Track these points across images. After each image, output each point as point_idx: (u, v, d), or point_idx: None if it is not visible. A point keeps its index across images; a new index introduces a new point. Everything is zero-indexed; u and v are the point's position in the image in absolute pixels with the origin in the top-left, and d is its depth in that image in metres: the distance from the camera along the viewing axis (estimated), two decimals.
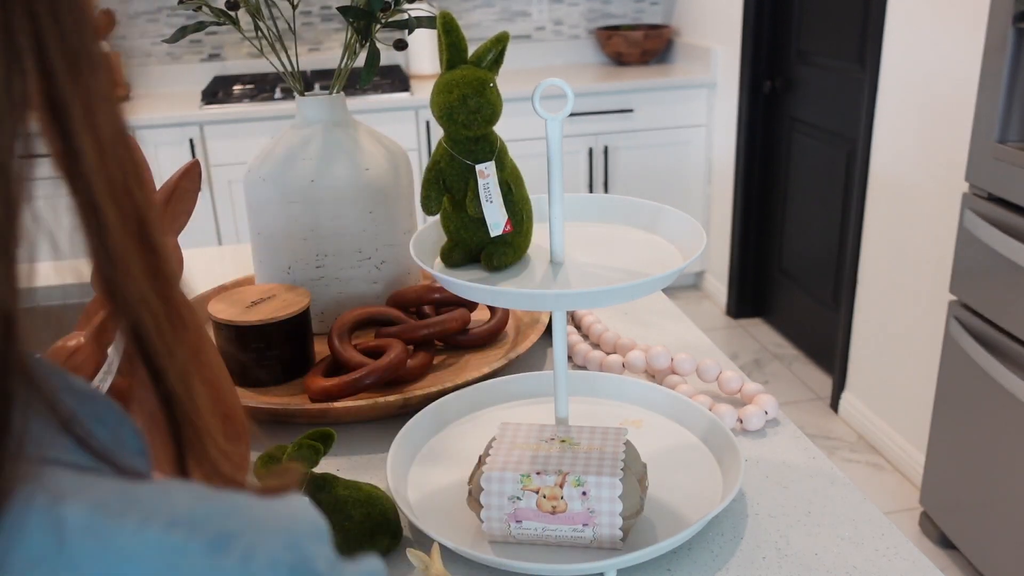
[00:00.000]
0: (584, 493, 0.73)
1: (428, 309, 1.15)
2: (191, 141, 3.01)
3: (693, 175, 3.47)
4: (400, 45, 1.12)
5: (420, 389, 1.00)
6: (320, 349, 1.12)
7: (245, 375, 1.04)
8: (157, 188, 0.80)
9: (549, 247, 0.82)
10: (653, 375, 1.09)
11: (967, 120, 2.02)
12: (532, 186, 0.82)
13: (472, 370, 1.06)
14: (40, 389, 0.32)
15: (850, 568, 0.75)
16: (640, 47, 3.52)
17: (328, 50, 3.56)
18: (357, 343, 1.07)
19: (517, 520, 0.75)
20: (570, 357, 1.14)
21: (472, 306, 1.16)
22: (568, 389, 0.85)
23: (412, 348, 1.08)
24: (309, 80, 3.28)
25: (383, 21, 1.06)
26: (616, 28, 3.65)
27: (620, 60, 3.60)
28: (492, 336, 1.13)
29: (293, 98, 3.13)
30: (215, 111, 3.00)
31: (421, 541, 0.80)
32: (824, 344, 2.95)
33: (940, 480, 2.08)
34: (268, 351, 1.03)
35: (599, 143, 3.32)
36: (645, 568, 0.76)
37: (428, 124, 3.14)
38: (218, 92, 3.16)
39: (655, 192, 3.43)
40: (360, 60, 1.08)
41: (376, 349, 1.05)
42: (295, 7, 1.09)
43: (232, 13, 1.06)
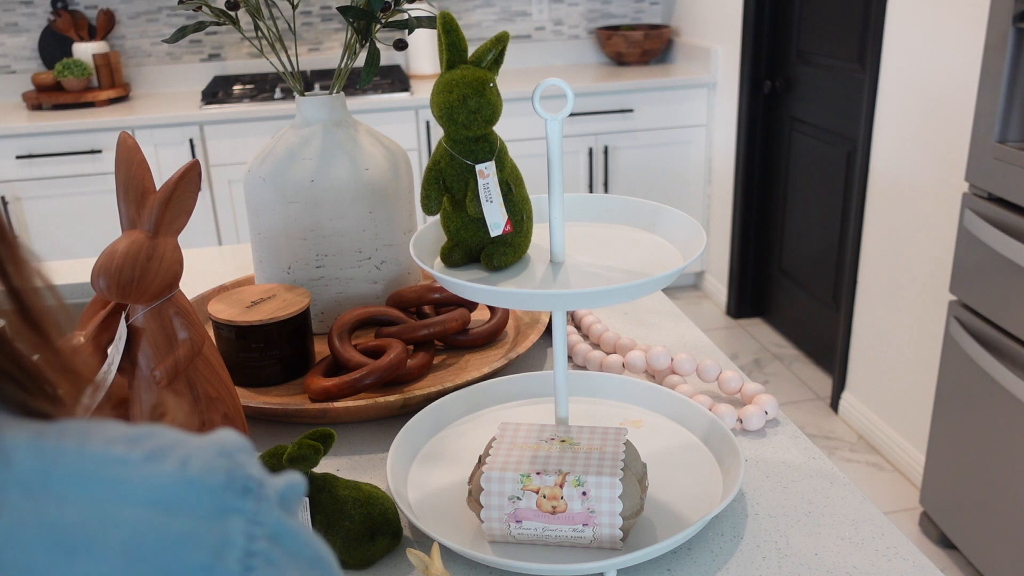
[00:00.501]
0: (584, 493, 0.73)
1: (428, 309, 1.15)
2: (191, 141, 3.01)
3: (693, 175, 3.47)
4: (400, 45, 1.12)
5: (420, 389, 1.00)
6: (320, 349, 1.12)
7: (245, 375, 1.04)
8: (157, 188, 0.80)
9: (549, 247, 0.82)
10: (653, 375, 1.09)
11: (967, 120, 2.02)
12: (532, 186, 0.82)
13: (472, 370, 1.06)
14: None
15: (850, 568, 0.75)
16: (640, 47, 3.52)
17: (328, 50, 3.56)
18: (357, 343, 1.07)
19: (517, 520, 0.75)
20: (570, 357, 1.14)
21: (472, 306, 1.16)
22: (568, 389, 0.85)
23: (412, 348, 1.08)
24: (309, 80, 3.28)
25: (383, 21, 1.06)
26: (616, 28, 3.65)
27: (620, 60, 3.60)
28: (492, 336, 1.13)
29: (293, 98, 3.13)
30: (215, 111, 3.00)
31: (421, 541, 0.80)
32: (824, 344, 2.95)
33: (940, 480, 2.08)
34: (268, 351, 1.03)
35: (599, 143, 3.32)
36: (645, 568, 0.76)
37: (428, 124, 3.14)
38: (218, 92, 3.16)
39: (655, 192, 3.43)
40: (360, 60, 1.08)
41: (376, 349, 1.05)
42: (295, 7, 1.09)
43: (232, 13, 1.06)
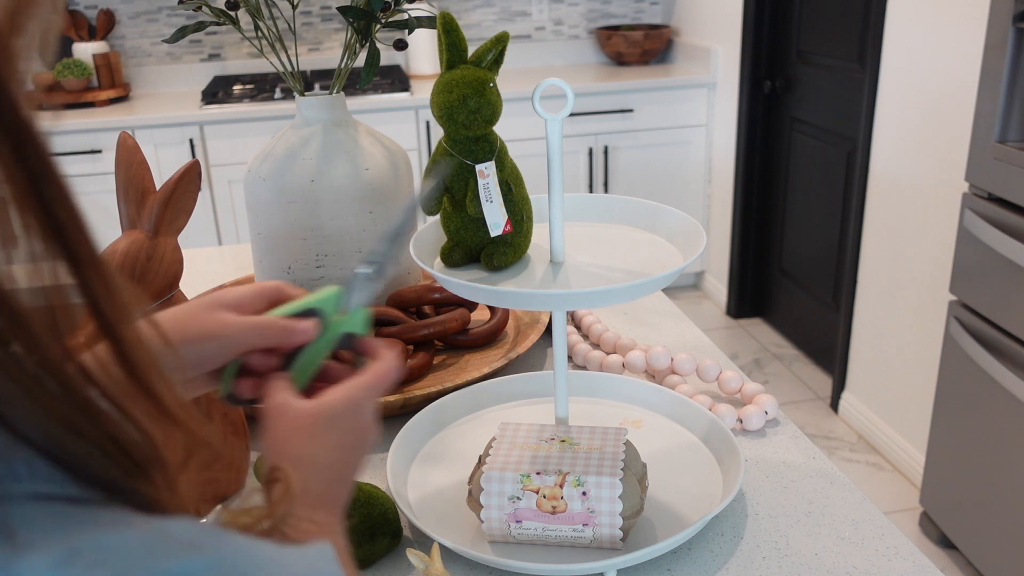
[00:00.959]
0: (584, 493, 0.73)
1: (428, 309, 1.15)
2: (191, 141, 3.01)
3: (693, 175, 3.47)
4: (400, 45, 1.12)
5: (420, 389, 1.00)
6: None
7: None
8: (157, 188, 0.80)
9: (549, 247, 0.82)
10: (653, 375, 1.09)
11: (967, 120, 2.02)
12: (532, 186, 0.82)
13: (472, 370, 1.06)
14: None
15: (850, 568, 0.75)
16: (640, 47, 3.52)
17: (328, 50, 3.56)
18: None
19: (517, 520, 0.75)
20: (570, 357, 1.14)
21: (472, 306, 1.16)
22: (568, 389, 0.85)
23: (412, 348, 1.08)
24: (309, 80, 3.28)
25: (383, 21, 1.06)
26: (616, 28, 3.65)
27: (620, 60, 3.59)
28: (492, 336, 1.13)
29: (293, 98, 3.12)
30: (215, 111, 3.00)
31: (421, 541, 0.80)
32: (824, 344, 2.95)
33: (940, 480, 2.08)
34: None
35: (599, 143, 3.32)
36: (645, 568, 0.76)
37: (428, 124, 3.14)
38: (218, 92, 3.16)
39: (655, 192, 3.43)
40: (360, 60, 1.08)
41: None
42: (295, 7, 1.09)
43: (232, 13, 1.06)
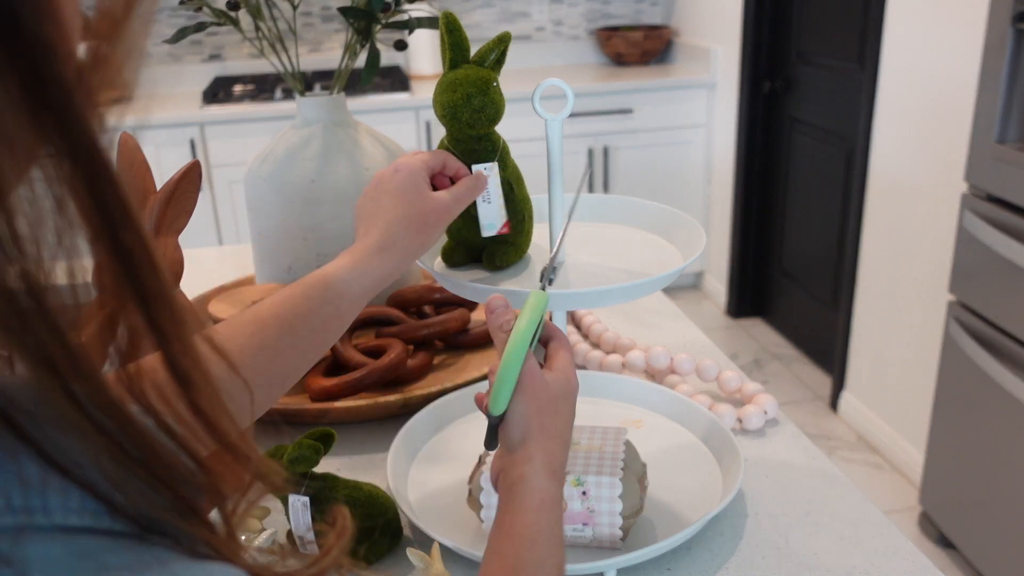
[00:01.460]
0: (584, 493, 0.74)
1: (428, 309, 1.15)
2: (192, 141, 3.01)
3: (693, 175, 3.47)
4: (400, 45, 1.12)
5: (420, 389, 1.00)
6: None
7: None
8: (158, 188, 0.81)
9: (549, 247, 0.82)
10: (653, 375, 1.09)
11: (966, 120, 2.02)
12: (532, 186, 0.82)
13: (472, 370, 1.06)
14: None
15: (850, 568, 0.75)
16: (640, 47, 3.52)
17: (328, 50, 3.56)
18: (357, 343, 1.07)
19: None
20: None
21: (472, 306, 1.16)
22: None
23: (412, 348, 1.08)
24: (309, 80, 3.28)
25: (383, 21, 1.06)
26: (616, 28, 3.65)
27: (620, 60, 3.60)
28: None
29: (293, 98, 3.12)
30: (216, 111, 3.00)
31: (421, 541, 0.80)
32: (823, 344, 2.95)
33: (939, 480, 2.08)
34: None
35: (599, 143, 3.32)
36: (645, 568, 0.76)
37: (428, 124, 3.14)
38: (219, 92, 3.16)
39: (655, 192, 3.43)
40: (360, 60, 1.08)
41: (376, 349, 1.05)
42: (295, 8, 1.09)
43: (233, 14, 1.06)
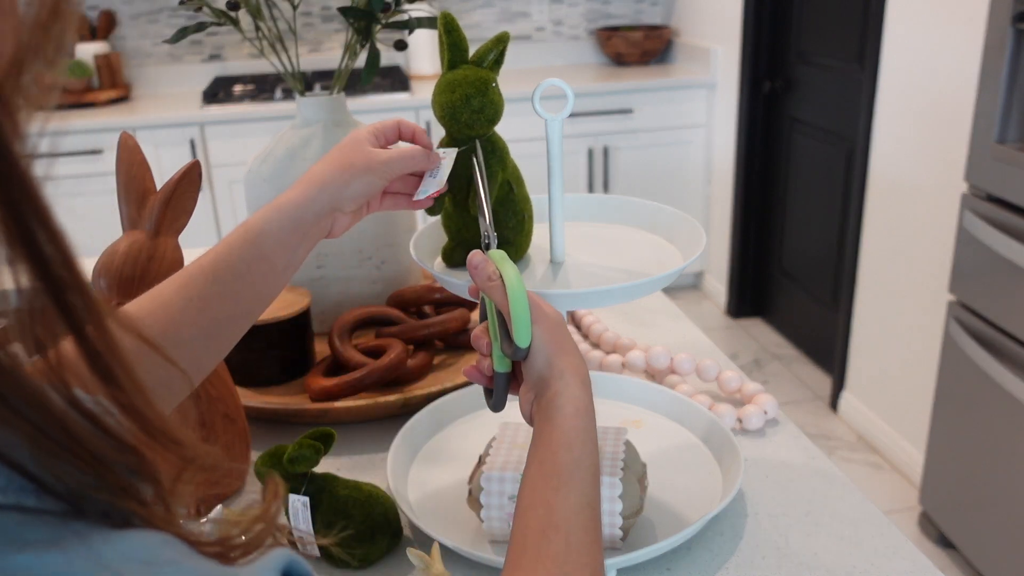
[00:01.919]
0: None
1: (428, 309, 1.15)
2: (192, 141, 3.01)
3: (693, 175, 3.47)
4: (400, 45, 1.12)
5: (420, 389, 1.00)
6: (320, 349, 1.12)
7: (246, 375, 1.04)
8: (158, 189, 0.81)
9: (549, 247, 0.82)
10: (653, 375, 1.09)
11: (966, 120, 2.02)
12: (532, 186, 0.82)
13: None
14: None
15: (850, 568, 0.75)
16: (640, 47, 3.52)
17: (328, 50, 3.56)
18: (357, 343, 1.07)
19: None
20: None
21: (472, 306, 1.16)
22: None
23: (412, 348, 1.08)
24: (309, 80, 3.28)
25: (383, 22, 1.06)
26: (616, 28, 3.65)
27: (620, 60, 3.60)
28: None
29: (293, 98, 3.12)
30: (216, 111, 3.00)
31: (421, 541, 0.80)
32: (824, 344, 2.95)
33: (939, 480, 2.08)
34: (268, 351, 1.03)
35: (599, 143, 3.32)
36: (645, 568, 0.76)
37: (428, 124, 3.14)
38: (219, 92, 3.16)
39: (655, 192, 3.43)
40: (360, 60, 1.08)
41: (376, 349, 1.05)
42: (295, 8, 1.09)
43: (233, 14, 1.06)
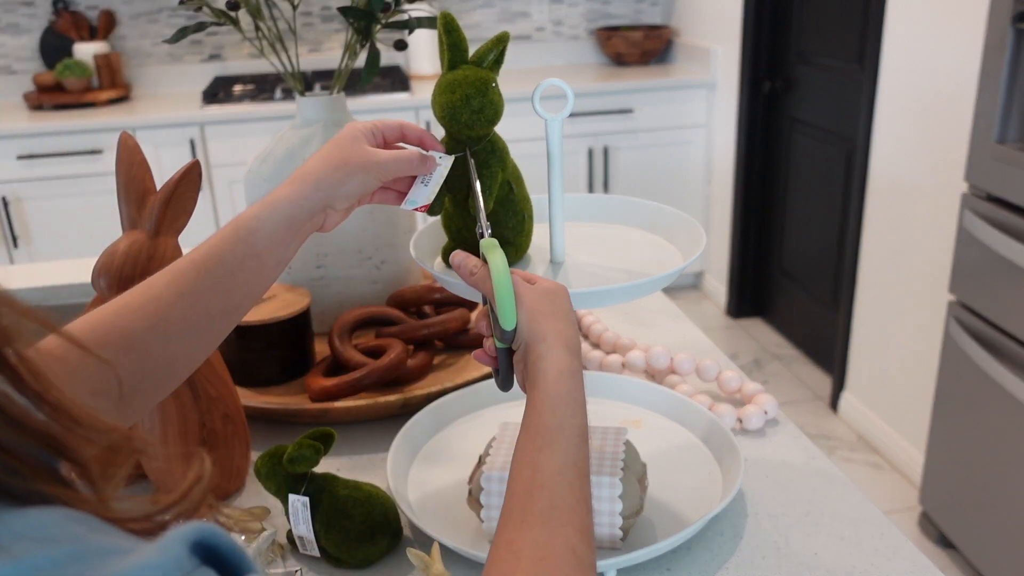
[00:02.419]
0: None
1: (428, 309, 1.15)
2: (191, 141, 3.01)
3: (693, 175, 3.47)
4: (400, 45, 1.12)
5: (420, 389, 1.00)
6: (320, 349, 1.12)
7: (246, 375, 1.04)
8: (158, 188, 0.81)
9: (549, 247, 0.82)
10: (653, 375, 1.09)
11: (966, 120, 2.02)
12: (532, 186, 0.82)
13: (472, 370, 1.06)
14: None
15: (850, 568, 0.75)
16: (640, 47, 3.52)
17: (328, 50, 3.56)
18: (357, 343, 1.07)
19: None
20: None
21: (472, 306, 1.16)
22: None
23: (412, 348, 1.08)
24: (309, 80, 3.28)
25: (383, 21, 1.06)
26: (616, 28, 3.65)
27: (620, 60, 3.60)
28: None
29: (293, 98, 3.12)
30: (215, 111, 3.00)
31: (421, 541, 0.80)
32: (823, 344, 2.95)
33: (939, 480, 2.08)
34: (268, 351, 1.03)
35: (599, 143, 3.32)
36: (645, 568, 0.76)
37: (428, 124, 3.14)
38: (218, 92, 3.16)
39: (655, 192, 3.43)
40: (360, 60, 1.08)
41: (376, 349, 1.05)
42: (295, 8, 1.09)
43: (232, 14, 1.06)
